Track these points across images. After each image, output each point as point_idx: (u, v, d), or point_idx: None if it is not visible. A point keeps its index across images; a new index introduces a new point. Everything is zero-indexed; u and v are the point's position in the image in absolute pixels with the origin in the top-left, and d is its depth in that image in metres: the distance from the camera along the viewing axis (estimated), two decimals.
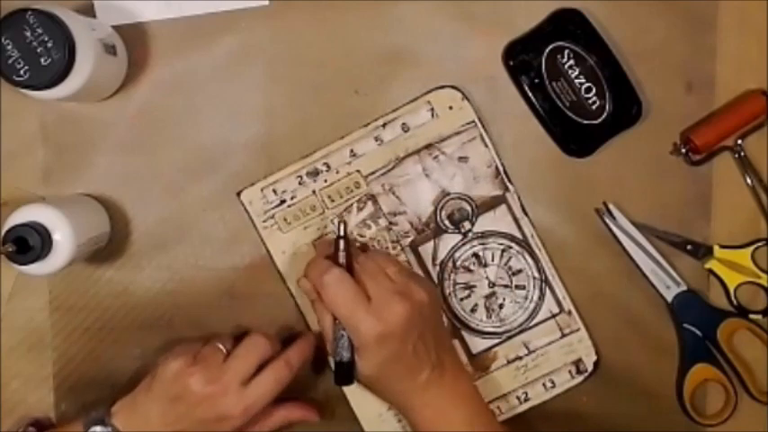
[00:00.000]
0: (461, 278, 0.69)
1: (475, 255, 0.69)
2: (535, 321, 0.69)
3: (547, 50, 0.67)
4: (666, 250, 0.69)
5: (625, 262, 0.69)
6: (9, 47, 0.57)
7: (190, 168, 0.69)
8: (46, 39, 0.57)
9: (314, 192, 0.68)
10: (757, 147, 0.69)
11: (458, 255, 0.69)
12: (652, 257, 0.69)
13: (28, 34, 0.57)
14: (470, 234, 0.69)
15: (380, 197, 0.69)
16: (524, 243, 0.69)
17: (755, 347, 0.70)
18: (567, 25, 0.67)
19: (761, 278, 0.69)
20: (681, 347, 0.70)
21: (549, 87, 0.67)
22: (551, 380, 0.69)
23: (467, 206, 0.68)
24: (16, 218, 0.61)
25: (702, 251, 0.69)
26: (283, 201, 0.68)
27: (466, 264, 0.69)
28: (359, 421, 0.69)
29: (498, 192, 0.69)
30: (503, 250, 0.69)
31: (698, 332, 0.69)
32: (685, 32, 0.69)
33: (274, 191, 0.68)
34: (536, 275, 0.69)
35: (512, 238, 0.69)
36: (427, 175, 0.68)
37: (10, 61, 0.57)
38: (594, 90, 0.67)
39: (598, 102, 0.67)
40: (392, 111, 0.68)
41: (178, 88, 0.68)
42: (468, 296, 0.69)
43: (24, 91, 0.59)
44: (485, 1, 0.68)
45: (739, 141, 0.69)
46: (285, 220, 0.68)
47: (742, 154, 0.69)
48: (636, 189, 0.69)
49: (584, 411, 0.70)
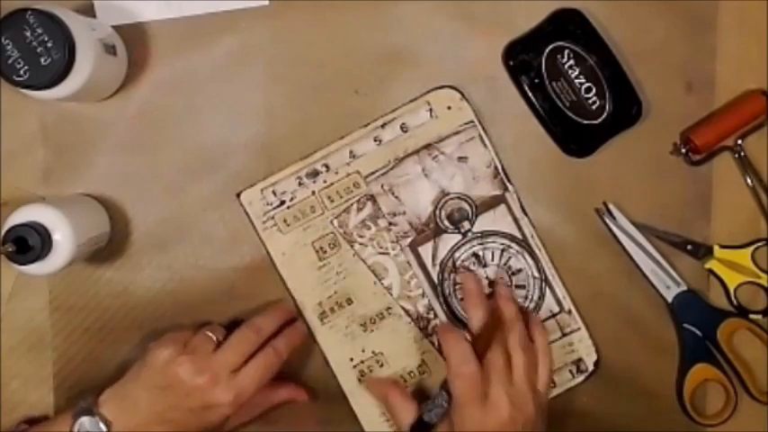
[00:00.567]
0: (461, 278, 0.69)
1: (474, 254, 0.69)
2: None
3: (547, 50, 0.67)
4: (666, 250, 0.69)
5: (625, 262, 0.69)
6: (9, 47, 0.57)
7: (190, 168, 0.69)
8: (46, 39, 0.57)
9: (313, 192, 0.68)
10: (757, 147, 0.69)
11: (457, 255, 0.69)
12: (652, 257, 0.69)
13: (28, 34, 0.57)
14: (470, 234, 0.69)
15: (380, 197, 0.69)
16: (524, 243, 0.69)
17: (755, 347, 0.70)
18: (567, 25, 0.67)
19: (761, 278, 0.69)
20: (681, 347, 0.70)
21: (549, 87, 0.67)
22: (552, 380, 0.69)
23: (466, 206, 0.68)
24: (16, 218, 0.61)
25: (702, 251, 0.69)
26: (283, 202, 0.68)
27: (466, 264, 0.69)
28: (359, 421, 0.69)
29: (498, 192, 0.69)
30: (502, 250, 0.69)
31: (698, 332, 0.69)
32: (685, 32, 0.69)
33: (274, 192, 0.68)
34: (536, 275, 0.69)
35: (511, 238, 0.69)
36: (426, 176, 0.68)
37: (10, 61, 0.57)
38: (594, 90, 0.67)
39: (598, 102, 0.67)
40: (391, 111, 0.68)
41: (178, 88, 0.68)
42: None
43: (24, 91, 0.59)
44: (485, 1, 0.68)
45: (739, 141, 0.69)
46: (285, 222, 0.68)
47: (742, 154, 0.69)
48: (636, 189, 0.69)
49: (584, 411, 0.70)
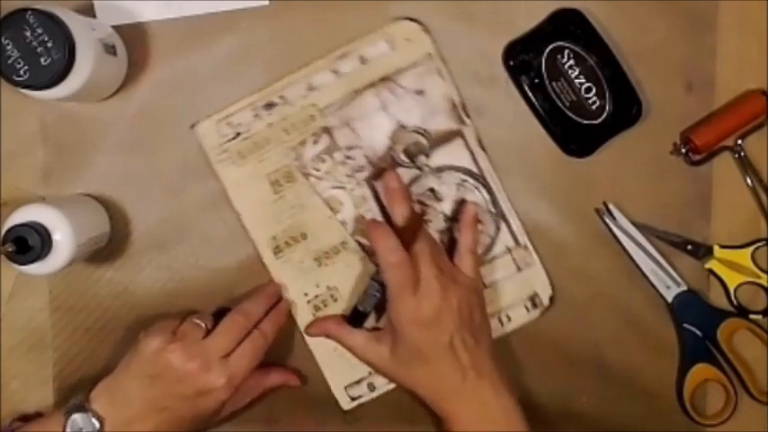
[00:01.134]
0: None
1: (431, 189, 0.68)
2: (491, 256, 0.69)
3: (547, 50, 0.67)
4: (666, 250, 0.69)
5: (625, 262, 0.69)
6: (9, 47, 0.57)
7: (190, 168, 0.69)
8: (46, 39, 0.57)
9: (269, 125, 0.68)
10: (757, 147, 0.69)
11: (414, 189, 0.68)
12: (652, 257, 0.69)
13: (28, 34, 0.57)
14: (426, 168, 0.68)
15: (336, 130, 0.68)
16: (480, 178, 0.68)
17: (755, 347, 0.70)
18: (567, 25, 0.67)
19: (761, 278, 0.69)
20: (681, 347, 0.70)
21: (549, 87, 0.67)
22: (507, 315, 0.69)
23: (423, 140, 0.68)
24: (16, 218, 0.61)
25: (702, 251, 0.69)
26: (238, 134, 0.68)
27: (422, 198, 0.68)
28: (314, 358, 0.69)
29: (455, 125, 0.68)
30: (458, 185, 0.68)
31: (698, 332, 0.69)
32: (685, 32, 0.69)
33: (229, 124, 0.68)
34: (492, 210, 0.69)
35: (468, 173, 0.68)
36: (384, 109, 0.68)
37: (10, 61, 0.57)
38: (594, 90, 0.67)
39: (598, 102, 0.67)
40: (350, 42, 0.67)
41: (178, 88, 0.68)
42: None
43: (24, 91, 0.59)
44: (485, 1, 0.68)
45: (739, 141, 0.69)
46: (240, 154, 0.68)
47: (742, 154, 0.69)
48: (636, 189, 0.69)
49: (584, 411, 0.70)
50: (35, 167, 0.68)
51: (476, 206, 0.67)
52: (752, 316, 0.69)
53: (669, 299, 0.69)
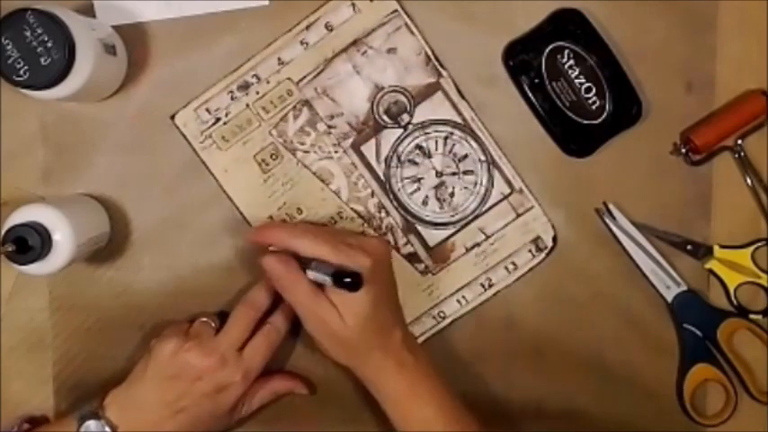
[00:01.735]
0: (408, 172, 0.69)
1: (418, 146, 0.68)
2: (488, 205, 0.69)
3: (547, 50, 0.67)
4: (666, 250, 0.69)
5: (625, 262, 0.69)
6: (9, 47, 0.57)
7: (189, 168, 0.68)
8: (46, 39, 0.57)
9: (247, 105, 0.68)
10: (757, 147, 0.69)
11: (401, 149, 0.68)
12: (652, 257, 0.69)
13: (28, 34, 0.57)
14: (410, 126, 0.68)
15: (315, 101, 0.68)
16: (466, 127, 0.68)
17: (755, 347, 0.70)
18: (567, 25, 0.67)
19: (761, 278, 0.69)
20: (681, 347, 0.70)
21: (549, 87, 0.67)
22: (513, 262, 0.69)
23: (403, 98, 0.68)
24: (16, 218, 0.61)
25: (702, 251, 0.69)
26: (218, 119, 0.68)
27: (410, 157, 0.68)
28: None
29: (432, 79, 0.68)
30: (445, 137, 0.68)
31: (698, 332, 0.69)
32: (685, 32, 0.69)
33: (207, 110, 0.68)
34: (482, 158, 0.68)
35: (453, 124, 0.68)
36: (358, 73, 0.68)
37: (10, 61, 0.57)
38: (594, 90, 0.67)
39: (598, 102, 0.67)
40: (313, 12, 0.67)
41: (178, 88, 0.68)
42: (417, 189, 0.69)
43: (24, 91, 0.59)
44: (485, 1, 0.68)
45: (739, 141, 0.69)
46: (223, 138, 0.68)
47: (742, 154, 0.69)
48: (636, 189, 0.69)
49: (584, 411, 0.70)
50: (35, 167, 0.68)
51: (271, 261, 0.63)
52: (752, 316, 0.69)
53: (669, 299, 0.69)
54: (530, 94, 0.68)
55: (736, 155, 0.69)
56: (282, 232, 0.62)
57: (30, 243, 0.59)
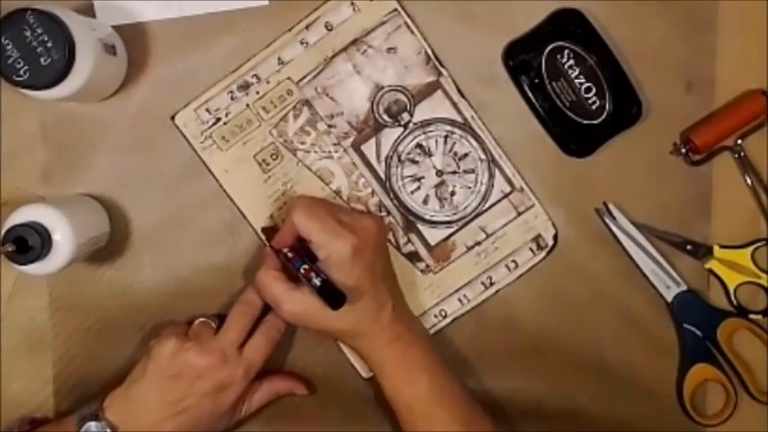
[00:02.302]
0: (409, 171, 0.69)
1: (419, 145, 0.68)
2: (489, 204, 0.69)
3: (547, 50, 0.67)
4: (666, 250, 0.69)
5: (625, 262, 0.69)
6: (9, 47, 0.57)
7: (189, 168, 0.68)
8: (46, 39, 0.57)
9: (247, 105, 0.68)
10: (757, 147, 0.69)
11: (401, 148, 0.68)
12: (652, 257, 0.69)
13: (28, 34, 0.57)
14: (411, 125, 0.68)
15: (315, 101, 0.68)
16: (466, 126, 0.68)
17: (755, 347, 0.70)
18: (567, 25, 0.67)
19: (761, 278, 0.69)
20: (681, 347, 0.70)
21: (549, 87, 0.67)
22: (513, 260, 0.69)
23: (403, 97, 0.68)
24: (16, 218, 0.61)
25: (702, 251, 0.69)
26: (218, 119, 0.68)
27: (411, 156, 0.68)
28: None
29: (432, 78, 0.68)
30: (446, 136, 0.68)
31: (698, 332, 0.69)
32: (685, 32, 0.69)
33: (207, 110, 0.68)
34: (482, 157, 0.69)
35: (453, 123, 0.68)
36: (358, 72, 0.68)
37: (10, 61, 0.57)
38: (594, 90, 0.67)
39: (598, 102, 0.67)
40: (313, 11, 0.67)
41: (178, 88, 0.68)
42: (417, 188, 0.69)
43: (24, 91, 0.59)
44: (485, 1, 0.68)
45: (739, 141, 0.69)
46: (223, 138, 0.68)
47: (742, 154, 0.69)
48: (636, 189, 0.69)
49: (584, 411, 0.70)
50: (35, 167, 0.68)
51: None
52: (752, 316, 0.69)
53: (669, 299, 0.69)
54: (530, 94, 0.68)
55: (736, 155, 0.69)
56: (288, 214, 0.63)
57: (30, 243, 0.59)
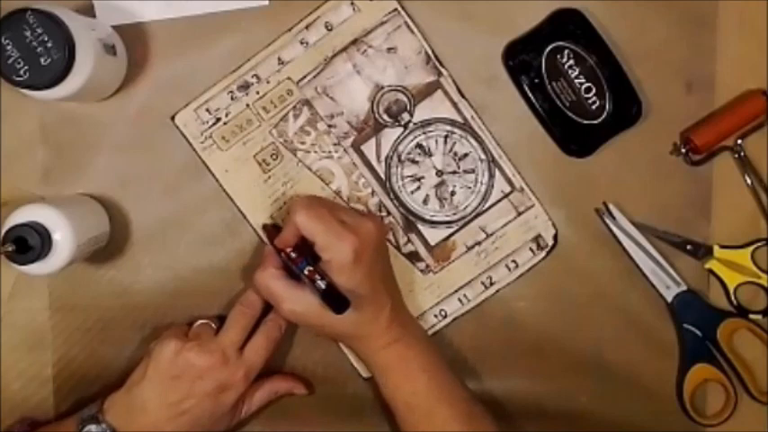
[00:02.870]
0: (409, 171, 0.69)
1: (419, 145, 0.68)
2: (489, 204, 0.69)
3: (547, 50, 0.67)
4: (666, 250, 0.69)
5: (625, 262, 0.69)
6: (9, 47, 0.57)
7: (189, 168, 0.68)
8: (46, 39, 0.57)
9: (247, 105, 0.68)
10: (757, 147, 0.69)
11: (401, 148, 0.68)
12: (652, 257, 0.69)
13: (28, 34, 0.57)
14: (411, 125, 0.68)
15: (315, 101, 0.68)
16: (466, 126, 0.68)
17: (755, 347, 0.70)
18: (567, 25, 0.67)
19: (761, 278, 0.69)
20: (681, 347, 0.70)
21: (549, 87, 0.67)
22: (513, 260, 0.69)
23: (403, 97, 0.68)
24: (16, 218, 0.61)
25: (702, 251, 0.69)
26: (218, 119, 0.68)
27: (411, 156, 0.68)
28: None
29: (432, 78, 0.68)
30: (446, 136, 0.68)
31: (698, 332, 0.69)
32: (685, 32, 0.69)
33: (208, 110, 0.68)
34: (482, 157, 0.69)
35: (453, 123, 0.68)
36: (358, 72, 0.68)
37: (10, 61, 0.57)
38: (594, 90, 0.67)
39: (598, 102, 0.67)
40: (313, 11, 0.68)
41: (178, 88, 0.68)
42: (418, 188, 0.69)
43: (24, 91, 0.59)
44: (485, 1, 0.68)
45: (739, 141, 0.69)
46: (223, 138, 0.68)
47: (742, 154, 0.69)
48: (636, 189, 0.69)
49: (584, 411, 0.70)
50: (35, 167, 0.68)
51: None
52: (752, 316, 0.69)
53: (669, 299, 0.69)
54: (530, 94, 0.68)
55: (736, 155, 0.69)
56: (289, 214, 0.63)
57: (30, 243, 0.59)
